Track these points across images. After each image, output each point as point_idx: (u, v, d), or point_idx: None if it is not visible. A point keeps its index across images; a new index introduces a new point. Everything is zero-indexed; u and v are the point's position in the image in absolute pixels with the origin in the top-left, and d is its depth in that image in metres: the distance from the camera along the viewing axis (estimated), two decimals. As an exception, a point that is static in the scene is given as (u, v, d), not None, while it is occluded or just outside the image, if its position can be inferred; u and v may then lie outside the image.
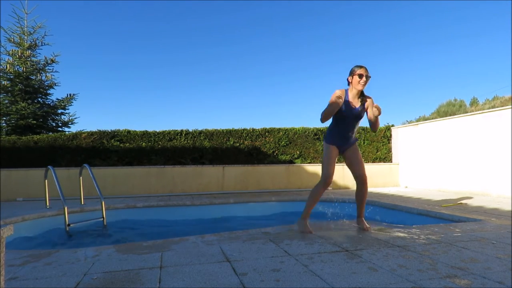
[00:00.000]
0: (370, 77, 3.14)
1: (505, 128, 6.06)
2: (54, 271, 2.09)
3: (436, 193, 6.89)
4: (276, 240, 2.84)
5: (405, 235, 3.01)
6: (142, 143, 7.78)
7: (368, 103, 3.22)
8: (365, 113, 3.28)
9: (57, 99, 11.18)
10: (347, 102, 3.16)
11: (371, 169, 8.53)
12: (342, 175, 8.27)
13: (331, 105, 3.02)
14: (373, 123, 3.23)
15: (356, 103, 3.19)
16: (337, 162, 9.06)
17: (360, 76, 3.11)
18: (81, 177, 5.41)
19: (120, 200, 6.09)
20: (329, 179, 3.15)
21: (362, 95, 3.23)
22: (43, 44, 11.15)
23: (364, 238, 2.89)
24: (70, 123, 11.27)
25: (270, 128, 8.50)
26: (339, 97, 3.06)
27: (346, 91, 3.21)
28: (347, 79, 3.22)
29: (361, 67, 3.14)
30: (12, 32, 10.82)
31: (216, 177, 7.63)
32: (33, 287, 1.84)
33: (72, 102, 11.24)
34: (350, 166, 3.36)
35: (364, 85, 3.14)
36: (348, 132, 3.25)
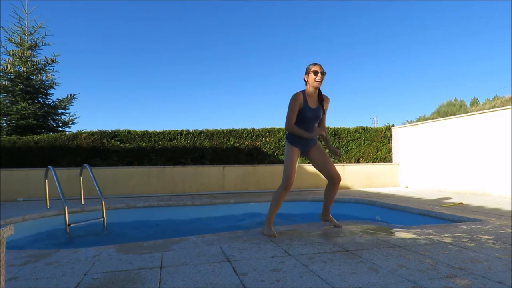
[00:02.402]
0: (325, 73, 3.09)
1: (505, 128, 6.05)
2: (55, 271, 2.09)
3: (436, 193, 6.88)
4: (276, 240, 2.85)
5: (406, 235, 3.01)
6: (142, 143, 7.78)
7: (325, 102, 3.24)
8: (322, 112, 3.24)
9: (58, 99, 11.18)
10: (306, 104, 3.10)
11: (371, 169, 8.53)
12: (343, 174, 8.26)
13: (305, 134, 3.06)
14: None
15: (314, 103, 3.16)
16: (336, 162, 8.99)
17: (315, 73, 3.06)
18: (81, 177, 5.41)
19: (121, 200, 6.09)
20: (291, 180, 3.06)
21: (319, 94, 3.19)
22: (43, 44, 11.15)
23: (364, 238, 2.89)
24: (70, 123, 11.27)
25: (271, 128, 8.50)
26: (319, 131, 3.09)
27: (303, 92, 3.14)
28: (304, 79, 3.17)
29: (315, 64, 3.09)
30: (13, 32, 10.84)
31: (217, 177, 7.63)
32: (33, 287, 1.84)
33: (73, 102, 11.25)
34: (321, 167, 3.30)
35: (321, 82, 3.08)
36: None
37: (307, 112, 3.11)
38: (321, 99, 3.19)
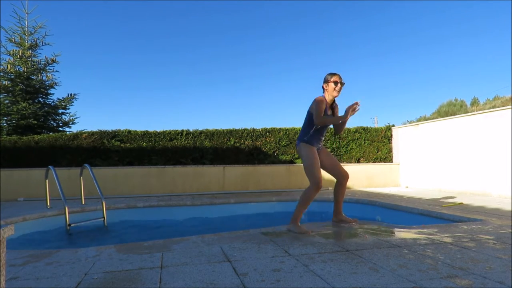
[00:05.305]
0: (344, 83, 3.28)
1: (505, 128, 6.05)
2: (55, 271, 2.10)
3: (437, 193, 6.88)
4: (277, 240, 2.84)
5: (406, 235, 3.01)
6: (142, 143, 7.78)
7: (336, 108, 3.42)
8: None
9: (58, 99, 11.20)
10: (326, 109, 3.29)
11: (371, 169, 8.53)
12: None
13: (339, 118, 3.20)
14: (339, 128, 3.44)
15: (329, 110, 3.37)
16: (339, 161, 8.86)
17: (336, 83, 3.24)
18: (81, 177, 5.41)
19: (121, 200, 6.09)
20: (321, 182, 3.17)
21: (333, 102, 3.39)
22: (43, 44, 11.18)
23: (365, 238, 2.89)
24: (70, 123, 11.28)
25: (271, 128, 8.50)
26: (353, 110, 3.17)
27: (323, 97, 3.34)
28: (322, 87, 3.35)
29: (334, 74, 3.27)
30: (13, 32, 10.86)
31: (217, 177, 7.64)
32: (34, 287, 1.84)
33: (73, 102, 11.27)
34: (330, 164, 3.46)
35: (339, 91, 3.28)
36: (323, 136, 3.43)
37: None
38: (333, 107, 3.40)
